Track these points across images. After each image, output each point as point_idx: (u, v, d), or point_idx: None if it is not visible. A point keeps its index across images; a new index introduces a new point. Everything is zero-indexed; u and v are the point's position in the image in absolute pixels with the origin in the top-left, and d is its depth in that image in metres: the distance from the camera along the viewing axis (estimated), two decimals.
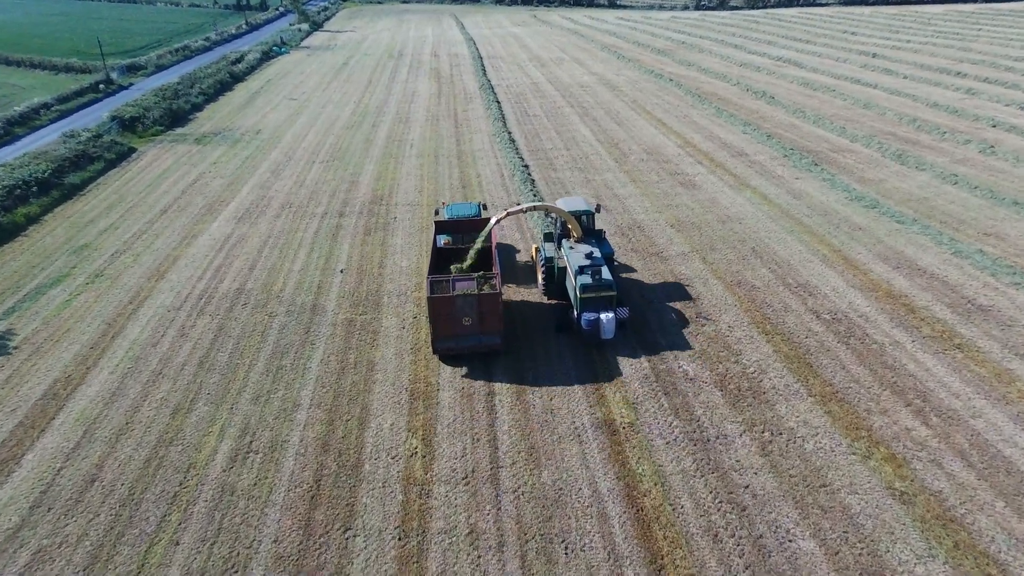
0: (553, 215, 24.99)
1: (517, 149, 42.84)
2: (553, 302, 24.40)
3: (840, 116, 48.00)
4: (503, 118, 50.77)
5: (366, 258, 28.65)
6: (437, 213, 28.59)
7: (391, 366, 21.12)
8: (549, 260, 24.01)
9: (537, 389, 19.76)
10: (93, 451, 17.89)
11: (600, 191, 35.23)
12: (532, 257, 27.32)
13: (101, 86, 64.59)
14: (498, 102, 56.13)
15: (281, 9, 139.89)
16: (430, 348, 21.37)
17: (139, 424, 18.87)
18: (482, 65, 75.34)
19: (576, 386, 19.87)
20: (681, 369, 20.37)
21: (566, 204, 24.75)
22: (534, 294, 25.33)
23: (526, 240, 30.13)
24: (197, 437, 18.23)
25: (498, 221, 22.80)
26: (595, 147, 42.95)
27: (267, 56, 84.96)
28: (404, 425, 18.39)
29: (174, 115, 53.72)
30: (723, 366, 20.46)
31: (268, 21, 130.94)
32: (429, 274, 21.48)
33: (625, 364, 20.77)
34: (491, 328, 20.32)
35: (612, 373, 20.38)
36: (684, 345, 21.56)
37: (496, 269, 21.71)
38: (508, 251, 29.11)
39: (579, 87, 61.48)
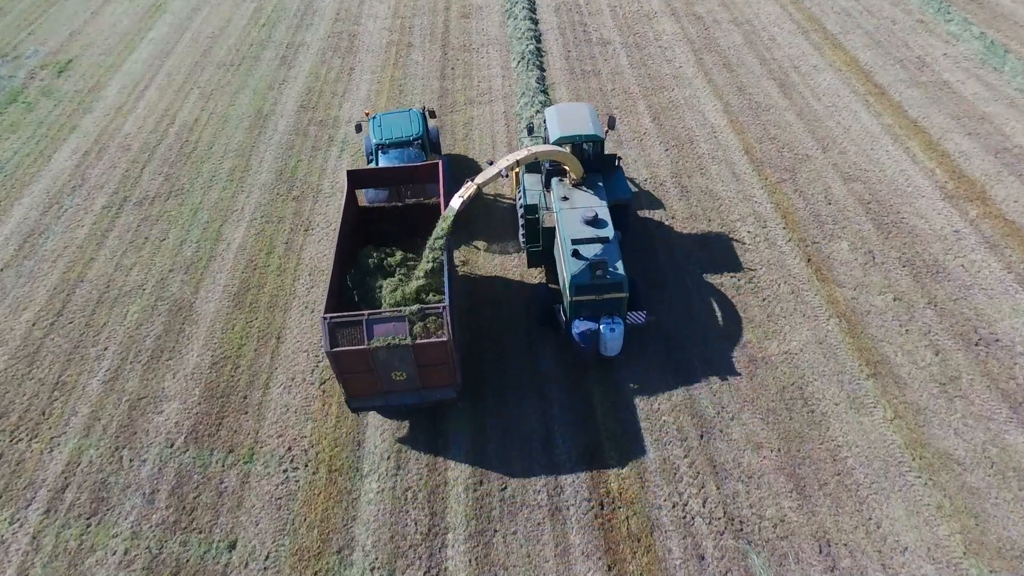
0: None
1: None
2: (539, 273, 15.57)
3: None
4: (537, 50, 25.73)
5: None
6: (359, 130, 17.69)
7: None
8: (531, 210, 14.77)
9: None
10: None
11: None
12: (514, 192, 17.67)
13: None
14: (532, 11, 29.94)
15: None
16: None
17: None
18: None
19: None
20: None
21: (558, 123, 15.29)
22: (517, 262, 15.98)
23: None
24: None
25: (463, 202, 12.90)
26: (739, 160, 19.47)
27: None
28: None
29: None
30: None
31: None
32: (326, 312, 11.89)
33: None
34: (439, 382, 12.47)
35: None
36: None
37: (445, 293, 12.17)
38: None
39: None
